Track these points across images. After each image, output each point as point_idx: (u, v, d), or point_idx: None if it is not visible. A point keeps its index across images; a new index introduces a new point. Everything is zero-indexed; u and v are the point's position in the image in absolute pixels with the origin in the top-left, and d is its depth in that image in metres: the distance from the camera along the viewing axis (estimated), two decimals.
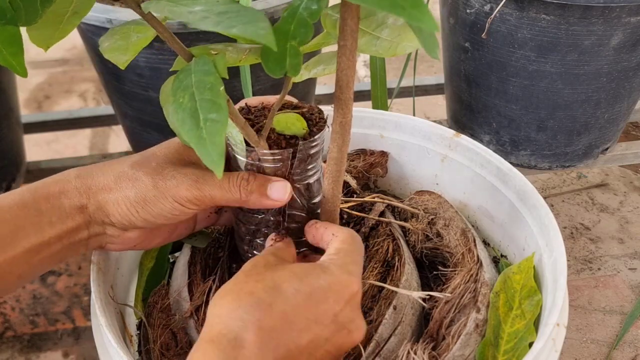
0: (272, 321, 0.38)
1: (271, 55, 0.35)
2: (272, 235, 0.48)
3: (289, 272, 0.41)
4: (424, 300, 0.52)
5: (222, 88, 0.34)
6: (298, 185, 0.48)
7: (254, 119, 0.47)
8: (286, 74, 0.36)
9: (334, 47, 0.41)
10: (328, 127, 0.47)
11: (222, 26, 0.31)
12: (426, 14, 0.25)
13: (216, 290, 0.52)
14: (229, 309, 0.38)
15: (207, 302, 0.52)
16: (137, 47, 0.43)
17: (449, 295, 0.52)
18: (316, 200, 0.50)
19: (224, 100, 0.34)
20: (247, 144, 0.45)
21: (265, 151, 0.45)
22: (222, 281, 0.54)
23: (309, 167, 0.47)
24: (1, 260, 0.42)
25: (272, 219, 0.49)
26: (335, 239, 0.45)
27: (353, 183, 0.66)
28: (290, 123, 0.45)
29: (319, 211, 0.50)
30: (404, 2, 0.25)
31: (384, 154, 0.68)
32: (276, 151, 0.45)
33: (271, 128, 0.45)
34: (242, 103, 0.49)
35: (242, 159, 0.46)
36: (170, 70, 0.45)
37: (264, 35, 0.31)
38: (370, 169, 0.67)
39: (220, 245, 0.57)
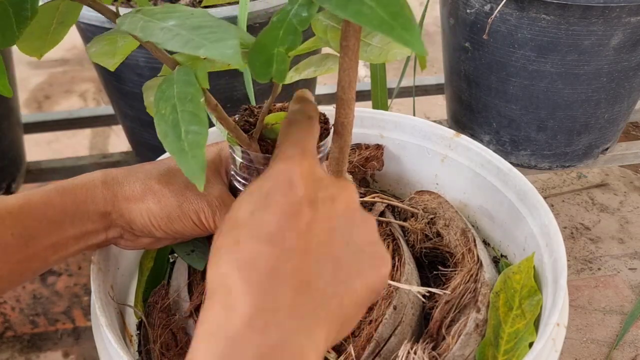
0: (248, 248, 0.33)
1: (258, 60, 0.35)
2: None
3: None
4: (424, 296, 0.52)
5: (202, 99, 0.34)
6: None
7: (255, 121, 0.47)
8: (272, 79, 0.36)
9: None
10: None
11: (190, 46, 0.31)
12: (415, 37, 0.24)
13: None
14: (206, 279, 0.35)
15: None
16: (125, 51, 0.43)
17: (449, 292, 0.52)
18: None
19: (204, 112, 0.34)
20: None
21: (257, 154, 0.45)
22: None
23: None
24: (23, 256, 0.43)
25: None
26: None
27: (349, 179, 0.66)
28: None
29: None
30: (394, 22, 0.25)
31: (379, 147, 0.68)
32: (268, 155, 0.45)
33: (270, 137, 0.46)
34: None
35: (238, 159, 0.47)
36: (159, 75, 0.45)
37: (230, 56, 0.30)
38: (365, 163, 0.67)
39: None
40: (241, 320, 0.31)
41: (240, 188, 0.48)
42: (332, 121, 0.43)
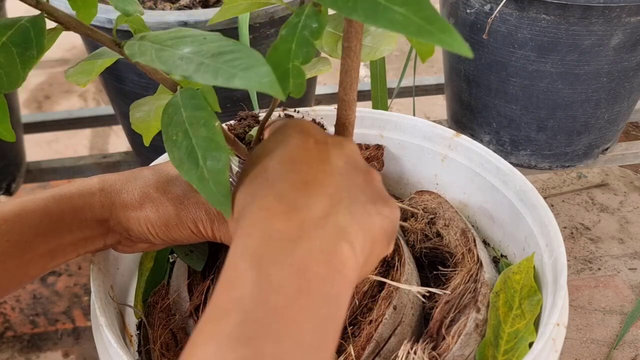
0: (273, 169, 0.35)
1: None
2: None
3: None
4: (424, 296, 0.52)
5: (217, 124, 0.33)
6: None
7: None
8: (289, 94, 0.35)
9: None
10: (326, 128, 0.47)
11: (222, 78, 0.29)
12: (456, 39, 0.24)
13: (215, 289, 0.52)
14: (234, 206, 0.36)
15: (205, 302, 0.52)
16: (101, 68, 0.43)
17: (449, 292, 0.52)
18: None
19: (222, 137, 0.33)
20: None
21: None
22: None
23: None
24: (20, 262, 0.43)
25: None
26: None
27: None
28: None
29: None
30: (432, 27, 0.24)
31: (379, 148, 0.68)
32: None
33: None
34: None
35: (234, 167, 0.47)
36: (155, 95, 0.45)
37: (268, 85, 0.28)
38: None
39: (220, 247, 0.57)
40: (277, 219, 0.31)
41: None
42: (333, 122, 0.43)
